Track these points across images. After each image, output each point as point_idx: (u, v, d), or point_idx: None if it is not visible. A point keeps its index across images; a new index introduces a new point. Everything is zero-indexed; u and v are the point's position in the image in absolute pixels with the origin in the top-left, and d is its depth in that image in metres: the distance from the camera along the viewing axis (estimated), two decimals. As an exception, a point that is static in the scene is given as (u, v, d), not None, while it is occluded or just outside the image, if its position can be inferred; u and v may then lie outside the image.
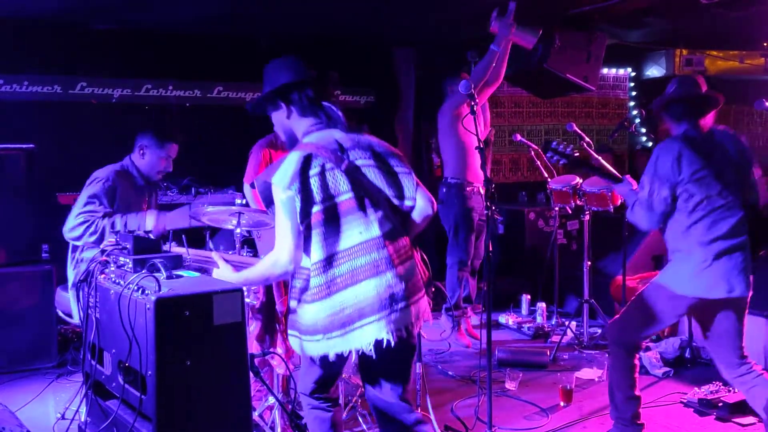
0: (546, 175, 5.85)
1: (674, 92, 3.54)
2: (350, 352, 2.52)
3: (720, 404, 3.94)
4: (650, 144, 8.71)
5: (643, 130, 8.72)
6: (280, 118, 2.74)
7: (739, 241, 3.35)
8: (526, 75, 6.31)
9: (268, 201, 2.59)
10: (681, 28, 7.40)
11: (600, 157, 5.42)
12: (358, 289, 2.48)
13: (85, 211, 3.95)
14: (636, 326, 3.54)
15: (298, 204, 2.49)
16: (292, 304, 2.60)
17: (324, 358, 2.54)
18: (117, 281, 2.57)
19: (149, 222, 3.97)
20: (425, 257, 2.75)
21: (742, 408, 3.80)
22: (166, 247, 2.97)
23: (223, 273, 2.71)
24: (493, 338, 3.57)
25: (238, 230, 3.78)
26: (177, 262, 2.69)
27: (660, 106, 3.58)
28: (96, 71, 6.18)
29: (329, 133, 2.64)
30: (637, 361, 3.59)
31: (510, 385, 4.37)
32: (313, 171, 2.52)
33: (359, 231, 2.51)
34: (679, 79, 3.63)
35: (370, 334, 2.47)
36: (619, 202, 5.19)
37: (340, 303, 2.48)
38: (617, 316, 3.70)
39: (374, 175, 2.61)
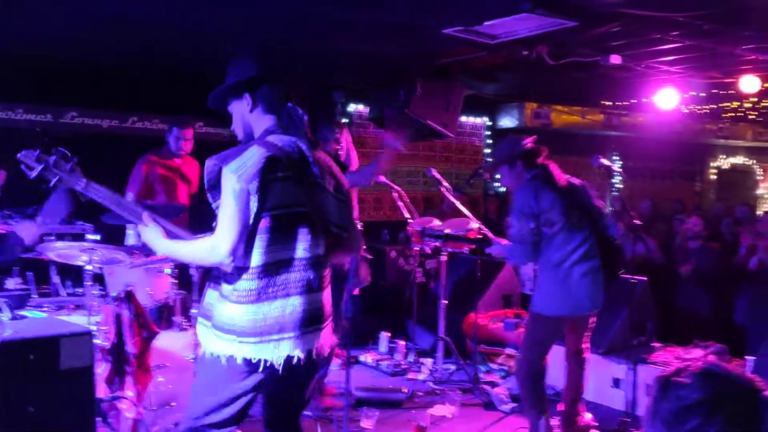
0: (407, 215, 6.04)
1: (521, 147, 4.00)
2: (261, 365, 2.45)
3: (560, 437, 4.22)
4: (502, 189, 9.24)
5: (498, 177, 9.25)
6: (241, 111, 2.65)
7: (594, 263, 3.87)
8: (390, 119, 6.55)
9: (212, 184, 2.47)
10: (531, 84, 8.01)
11: (456, 200, 5.72)
12: (287, 302, 2.46)
13: None
14: (530, 356, 3.92)
15: (253, 203, 2.41)
16: (213, 294, 2.51)
17: (232, 362, 2.44)
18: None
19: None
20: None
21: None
22: (10, 285, 2.79)
23: (151, 235, 2.56)
24: (351, 376, 3.61)
25: (89, 267, 3.60)
26: (21, 301, 2.53)
27: (511, 158, 3.98)
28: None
29: (293, 140, 2.58)
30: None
31: (366, 424, 4.42)
32: (273, 175, 2.45)
33: (303, 247, 2.50)
34: (510, 138, 4.16)
35: (284, 348, 2.45)
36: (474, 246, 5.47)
37: (265, 312, 2.43)
38: (518, 355, 4.05)
39: (324, 197, 2.61)
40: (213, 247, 2.42)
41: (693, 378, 1.31)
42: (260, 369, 2.46)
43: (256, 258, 2.44)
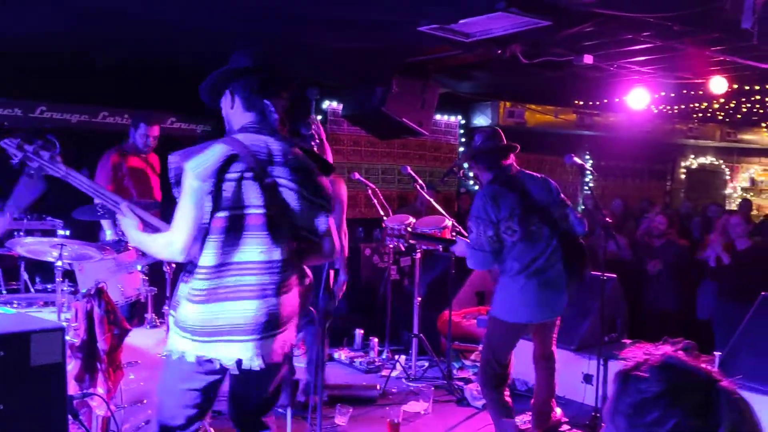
0: (382, 213, 6.05)
1: (482, 145, 3.95)
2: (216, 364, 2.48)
3: (532, 433, 4.26)
4: (476, 187, 9.31)
5: (471, 175, 9.31)
6: (226, 108, 2.65)
7: (554, 273, 3.82)
8: (365, 116, 6.56)
9: (177, 180, 2.46)
10: (504, 83, 8.07)
11: (430, 198, 5.75)
12: (238, 305, 2.44)
13: None
14: (489, 358, 3.91)
15: (207, 204, 2.40)
16: (182, 290, 2.52)
17: (189, 360, 2.46)
18: None
19: None
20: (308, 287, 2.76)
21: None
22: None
23: (125, 224, 2.59)
24: (325, 373, 3.62)
25: (59, 263, 3.55)
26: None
27: (469, 157, 3.97)
28: None
29: (264, 139, 2.54)
30: (508, 398, 3.93)
31: (340, 421, 4.43)
32: (231, 175, 2.43)
33: (260, 250, 2.46)
34: (484, 133, 4.06)
35: (234, 351, 2.44)
36: (447, 242, 5.50)
37: (215, 313, 2.43)
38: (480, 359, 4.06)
39: (292, 199, 2.54)
40: (168, 243, 2.45)
41: (652, 371, 1.32)
42: (216, 368, 2.48)
43: (209, 258, 2.44)
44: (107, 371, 3.60)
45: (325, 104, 8.11)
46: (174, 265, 4.23)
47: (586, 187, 11.01)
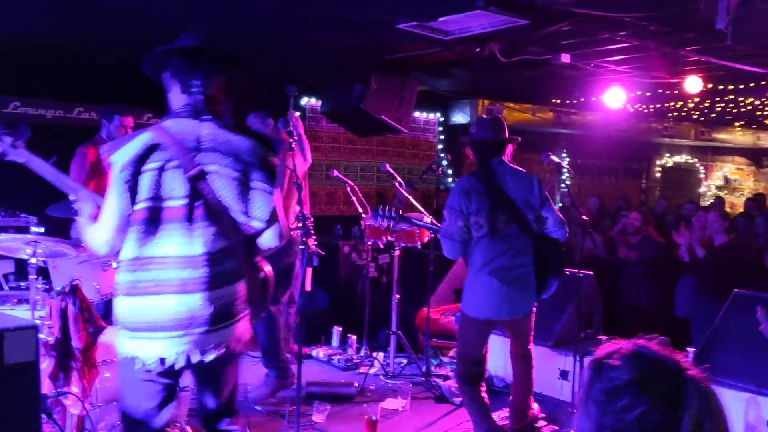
0: (361, 210, 6.05)
1: (481, 134, 3.96)
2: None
3: (509, 429, 4.29)
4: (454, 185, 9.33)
5: (450, 172, 9.34)
6: (166, 87, 2.58)
7: (518, 272, 3.83)
8: (344, 113, 6.55)
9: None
10: (483, 81, 8.10)
11: (408, 195, 5.75)
12: (158, 300, 2.37)
13: None
14: (462, 355, 3.93)
15: (125, 193, 2.37)
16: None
17: (129, 359, 2.44)
18: None
19: None
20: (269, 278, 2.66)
21: (530, 430, 4.18)
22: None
23: (82, 208, 2.54)
24: (303, 371, 3.61)
25: (33, 260, 3.50)
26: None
27: (467, 143, 3.98)
28: None
29: (194, 126, 2.46)
30: (484, 394, 3.94)
31: (318, 418, 4.42)
32: (151, 165, 2.37)
33: (179, 243, 2.38)
34: (486, 122, 4.05)
35: (155, 349, 2.39)
36: (426, 240, 5.51)
37: (138, 308, 2.39)
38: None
39: (224, 186, 2.43)
40: (92, 237, 2.44)
41: (623, 360, 1.37)
42: (149, 364, 2.43)
43: (128, 250, 2.40)
44: (82, 369, 3.56)
45: (304, 101, 8.08)
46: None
47: (563, 185, 11.10)
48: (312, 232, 3.36)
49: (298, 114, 5.36)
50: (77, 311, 3.58)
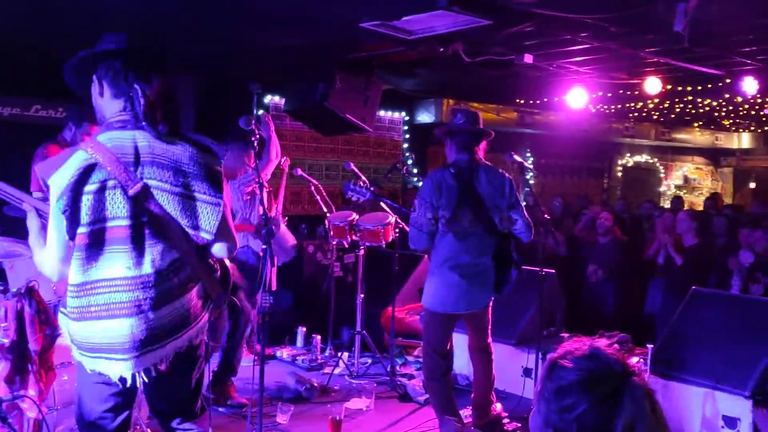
0: (325, 209, 6.02)
1: (464, 125, 3.97)
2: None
3: (472, 428, 4.31)
4: (420, 184, 9.35)
5: (415, 171, 9.36)
6: (95, 96, 2.44)
7: (479, 268, 3.88)
8: (308, 112, 6.51)
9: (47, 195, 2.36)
10: (448, 81, 8.13)
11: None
12: (112, 323, 2.31)
13: None
14: (427, 350, 3.97)
15: (63, 223, 2.28)
16: None
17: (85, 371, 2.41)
18: None
19: None
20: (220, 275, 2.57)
21: (493, 427, 4.21)
22: None
23: (30, 224, 2.50)
24: (266, 372, 3.58)
25: (-12, 261, 3.41)
26: None
27: (446, 132, 3.98)
28: None
29: (131, 137, 2.33)
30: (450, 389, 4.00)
31: (281, 419, 4.39)
32: (90, 187, 2.26)
33: (126, 266, 2.30)
34: (467, 114, 4.07)
35: (116, 369, 2.36)
36: (390, 239, 5.51)
37: (90, 331, 2.34)
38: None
39: (166, 200, 2.32)
40: (41, 264, 2.38)
41: (574, 361, 1.41)
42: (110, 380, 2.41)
43: (75, 276, 2.34)
44: (39, 372, 3.48)
45: (268, 99, 8.02)
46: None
47: (528, 185, 11.20)
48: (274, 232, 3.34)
49: (260, 113, 5.31)
50: (34, 313, 3.50)
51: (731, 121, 12.43)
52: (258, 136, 3.69)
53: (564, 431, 1.35)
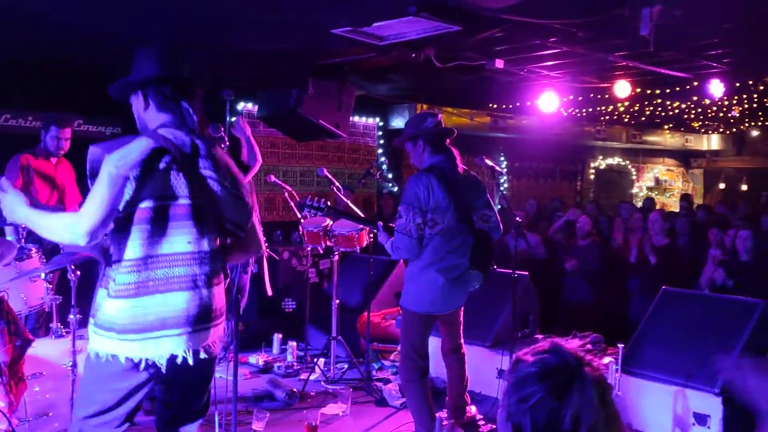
0: (300, 215, 6.02)
1: (435, 128, 4.00)
2: (143, 364, 2.40)
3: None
4: (395, 189, 9.39)
5: (390, 176, 9.39)
6: (138, 108, 2.60)
7: (461, 269, 3.92)
8: (281, 118, 6.51)
9: (95, 172, 2.35)
10: (421, 86, 8.19)
11: (347, 199, 5.76)
12: (169, 298, 2.39)
13: None
14: (406, 353, 3.98)
15: (129, 191, 2.32)
16: (101, 292, 2.42)
17: (114, 361, 2.38)
18: None
19: None
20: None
21: (468, 429, 4.24)
22: None
23: (10, 201, 2.41)
24: (241, 379, 3.57)
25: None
26: None
27: (420, 136, 3.99)
28: None
29: (186, 132, 2.52)
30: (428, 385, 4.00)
31: (257, 426, 4.37)
32: (160, 166, 2.38)
33: (187, 240, 2.43)
34: (432, 115, 4.12)
35: (167, 346, 2.39)
36: (365, 244, 5.52)
37: (145, 306, 2.36)
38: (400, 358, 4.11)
39: (220, 194, 2.53)
40: (72, 224, 2.33)
41: (534, 355, 1.46)
42: (141, 368, 2.41)
43: (135, 250, 2.37)
44: (9, 384, 3.44)
45: (240, 105, 8.01)
46: (79, 273, 4.07)
47: (501, 188, 11.30)
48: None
49: (234, 119, 5.31)
50: (3, 324, 3.46)
51: (700, 123, 12.64)
52: (227, 144, 3.68)
53: (519, 424, 1.38)
